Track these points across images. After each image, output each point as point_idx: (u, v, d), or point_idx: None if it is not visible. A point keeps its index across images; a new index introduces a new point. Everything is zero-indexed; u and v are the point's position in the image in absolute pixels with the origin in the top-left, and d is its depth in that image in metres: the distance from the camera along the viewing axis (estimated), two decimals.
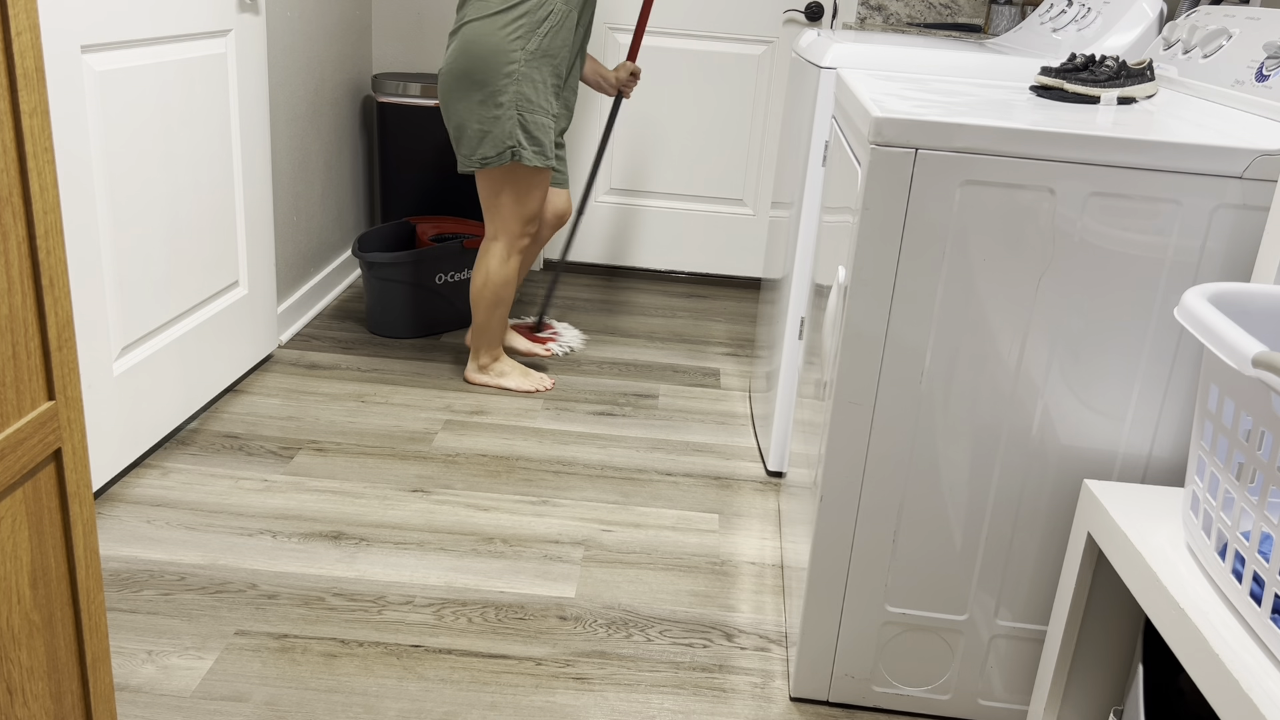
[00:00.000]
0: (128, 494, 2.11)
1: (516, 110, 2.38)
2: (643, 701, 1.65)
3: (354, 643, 1.73)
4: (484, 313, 2.63)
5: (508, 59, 2.34)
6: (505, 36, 2.33)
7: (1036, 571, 1.55)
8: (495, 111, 2.37)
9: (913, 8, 3.46)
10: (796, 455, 1.95)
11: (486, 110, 2.38)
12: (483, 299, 2.61)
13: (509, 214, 2.52)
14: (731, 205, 3.71)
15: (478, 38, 2.33)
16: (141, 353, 2.18)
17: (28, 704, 1.00)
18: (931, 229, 1.40)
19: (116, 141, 2.01)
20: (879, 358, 1.46)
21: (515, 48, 2.34)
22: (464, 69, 2.36)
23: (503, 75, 2.35)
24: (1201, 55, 1.75)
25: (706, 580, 1.98)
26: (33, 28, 0.90)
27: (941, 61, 2.07)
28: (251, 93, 2.54)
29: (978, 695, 1.64)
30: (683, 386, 2.86)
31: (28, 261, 0.93)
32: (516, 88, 2.37)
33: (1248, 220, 1.36)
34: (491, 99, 2.37)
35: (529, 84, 2.38)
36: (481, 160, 2.42)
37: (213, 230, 2.42)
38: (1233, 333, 0.96)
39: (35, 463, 0.96)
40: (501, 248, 2.56)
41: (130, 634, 1.71)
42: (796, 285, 2.23)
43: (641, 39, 2.88)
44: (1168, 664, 1.24)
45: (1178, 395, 1.44)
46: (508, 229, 2.54)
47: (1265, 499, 0.96)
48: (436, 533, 2.06)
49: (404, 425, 2.49)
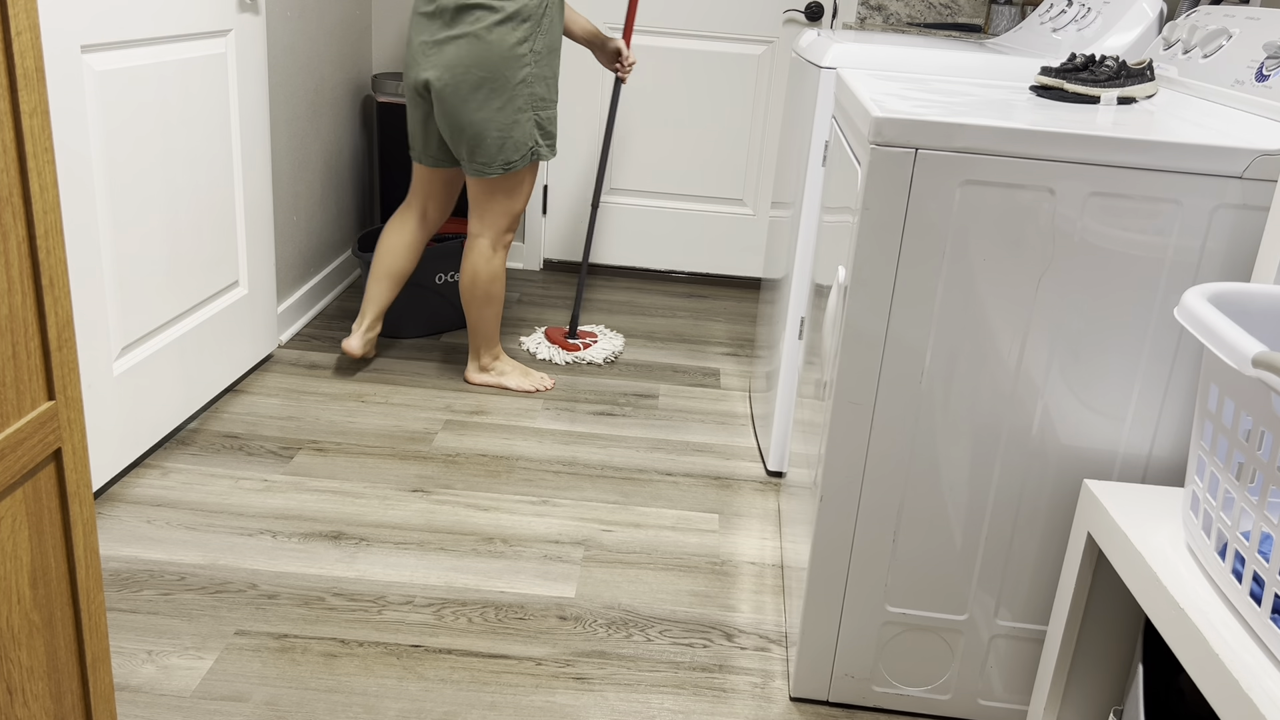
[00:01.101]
0: (128, 494, 2.11)
1: (532, 110, 2.40)
2: (643, 701, 1.65)
3: (354, 643, 1.73)
4: (476, 311, 2.63)
5: (521, 63, 2.36)
6: (515, 41, 2.34)
7: (1036, 571, 1.55)
8: (515, 116, 2.39)
9: (913, 8, 3.46)
10: (796, 455, 1.95)
11: (505, 116, 2.38)
12: (473, 298, 2.61)
13: (501, 210, 2.53)
14: (731, 205, 3.71)
15: (489, 47, 2.33)
16: (141, 353, 2.18)
17: (28, 704, 1.00)
18: (931, 229, 1.40)
19: (116, 141, 2.01)
20: (879, 358, 1.46)
21: (525, 50, 2.35)
22: (479, 79, 2.35)
23: (518, 80, 2.36)
24: (1201, 55, 1.75)
25: (706, 580, 1.98)
26: (33, 28, 0.90)
27: (941, 61, 2.08)
28: (251, 93, 2.54)
29: (978, 695, 1.64)
30: (683, 386, 2.86)
31: (28, 261, 0.93)
32: (530, 89, 2.39)
33: (1248, 220, 1.36)
34: (510, 104, 2.38)
35: (541, 83, 2.41)
36: (505, 165, 2.43)
37: (213, 230, 2.42)
38: (1233, 333, 0.96)
39: (35, 463, 0.96)
40: (486, 244, 2.57)
41: (130, 634, 1.71)
42: (796, 285, 2.23)
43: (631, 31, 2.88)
44: (1168, 664, 1.24)
45: (1178, 395, 1.44)
46: (496, 225, 2.55)
47: (1265, 499, 0.96)
48: (436, 533, 2.06)
49: (404, 425, 2.49)
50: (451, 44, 2.35)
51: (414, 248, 2.68)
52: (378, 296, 2.70)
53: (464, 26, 2.34)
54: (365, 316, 2.70)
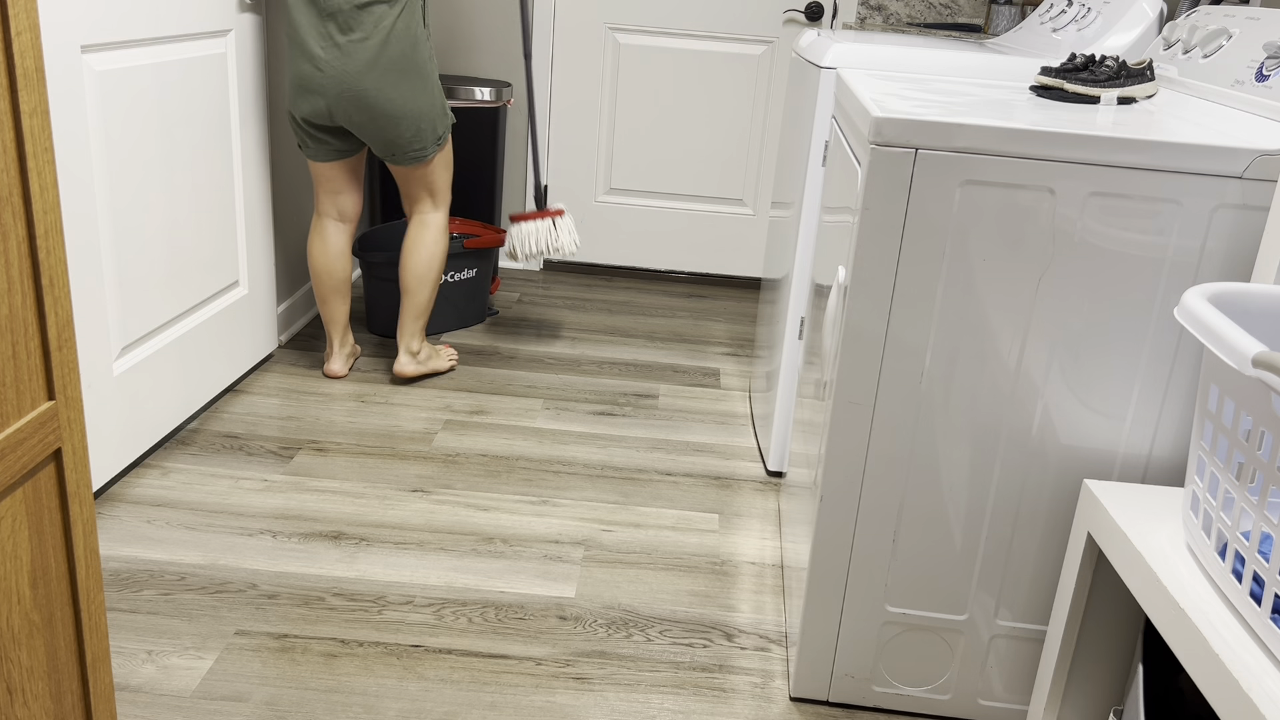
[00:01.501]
0: (128, 494, 2.11)
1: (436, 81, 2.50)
2: (643, 701, 1.65)
3: (354, 643, 1.73)
4: (426, 293, 2.62)
5: (424, 38, 2.44)
6: (416, 21, 2.40)
7: (1036, 571, 1.55)
8: (433, 93, 2.47)
9: (913, 8, 3.46)
10: (796, 455, 1.95)
11: (428, 97, 2.45)
12: (428, 279, 2.61)
13: (445, 182, 2.59)
14: (731, 205, 3.71)
15: (401, 30, 2.36)
16: (141, 353, 2.18)
17: (28, 704, 1.00)
18: (931, 229, 1.40)
19: (116, 141, 2.01)
20: (879, 358, 1.46)
21: (421, 24, 2.43)
22: (401, 65, 2.38)
23: (426, 57, 2.44)
24: (1201, 55, 1.75)
25: (706, 580, 1.98)
26: (33, 28, 0.90)
27: (941, 61, 2.08)
28: (251, 93, 2.54)
29: (978, 695, 1.64)
30: (683, 386, 2.86)
31: (28, 261, 0.93)
32: (433, 64, 2.47)
33: (1248, 220, 1.36)
34: (426, 84, 2.44)
35: (433, 56, 2.50)
36: (438, 141, 2.51)
37: (213, 230, 2.42)
38: (1233, 333, 0.96)
39: (35, 463, 0.96)
40: (442, 218, 2.61)
41: (130, 634, 1.71)
42: (796, 285, 2.23)
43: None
44: (1168, 664, 1.24)
45: (1178, 395, 1.44)
46: (445, 197, 2.61)
47: (1265, 499, 0.96)
48: (436, 533, 2.06)
49: (404, 425, 2.49)
50: (361, 46, 2.33)
51: (345, 252, 2.65)
52: (336, 315, 2.68)
53: (366, 28, 2.33)
54: (333, 338, 2.71)
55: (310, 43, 2.35)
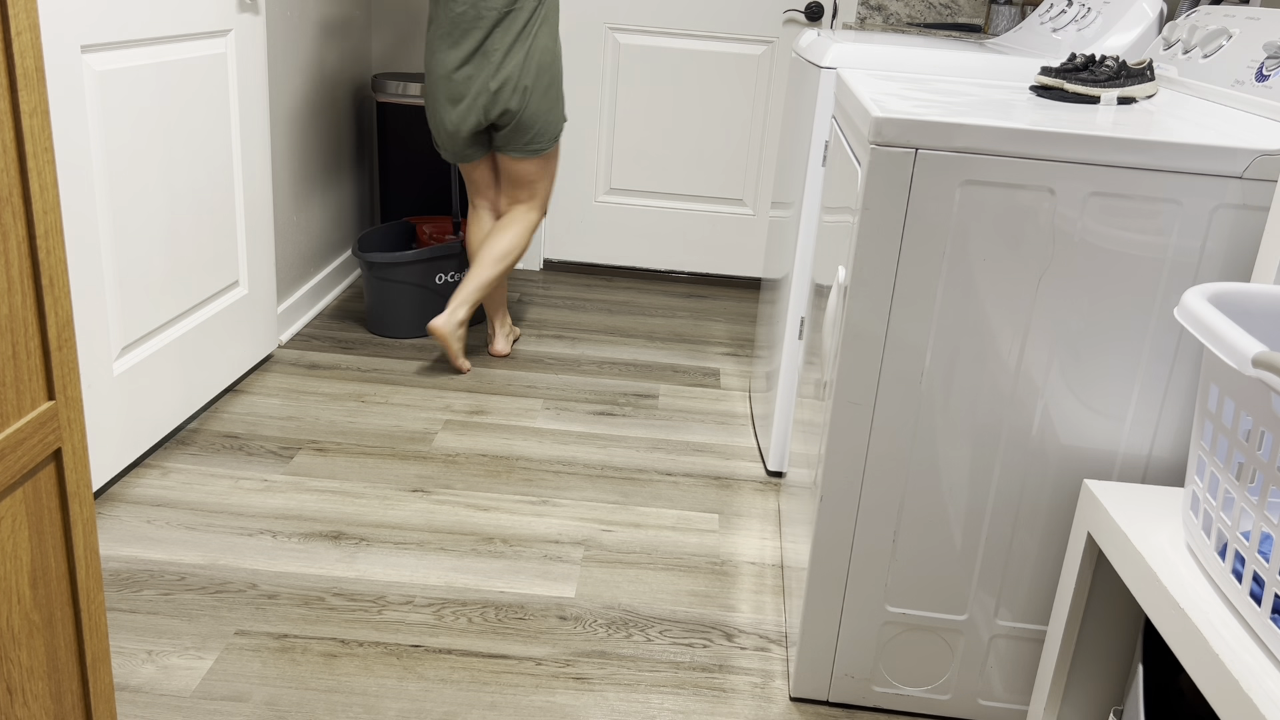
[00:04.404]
0: (128, 494, 2.11)
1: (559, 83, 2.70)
2: (643, 701, 1.65)
3: (354, 643, 1.73)
4: (495, 273, 2.74)
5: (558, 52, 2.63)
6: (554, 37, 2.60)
7: (1036, 571, 1.55)
8: (558, 93, 2.66)
9: (913, 8, 3.46)
10: (796, 455, 1.95)
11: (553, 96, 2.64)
12: (506, 266, 2.74)
13: (550, 181, 2.76)
14: (731, 205, 3.71)
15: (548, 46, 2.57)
16: (141, 353, 2.18)
17: (28, 704, 1.00)
18: (931, 229, 1.40)
19: (116, 141, 2.01)
20: (879, 358, 1.46)
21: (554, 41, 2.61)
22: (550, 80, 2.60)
23: (559, 64, 2.65)
24: (1201, 55, 1.75)
25: (706, 580, 1.98)
26: (33, 28, 0.90)
27: (941, 61, 2.08)
28: (251, 93, 2.54)
29: (978, 695, 1.64)
30: (683, 386, 2.86)
31: (28, 261, 0.93)
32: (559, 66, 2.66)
33: (1248, 220, 1.36)
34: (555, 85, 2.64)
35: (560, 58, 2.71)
36: (553, 138, 2.68)
37: (213, 230, 2.42)
38: (1233, 333, 0.96)
39: (35, 463, 0.96)
40: (538, 217, 2.78)
41: (130, 634, 1.71)
42: (796, 285, 2.23)
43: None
44: (1168, 664, 1.24)
45: (1178, 395, 1.44)
46: (547, 195, 2.78)
47: (1265, 499, 0.96)
48: (436, 533, 2.06)
49: (404, 425, 2.49)
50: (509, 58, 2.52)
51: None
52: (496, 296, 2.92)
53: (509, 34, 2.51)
54: (494, 319, 2.95)
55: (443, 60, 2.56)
